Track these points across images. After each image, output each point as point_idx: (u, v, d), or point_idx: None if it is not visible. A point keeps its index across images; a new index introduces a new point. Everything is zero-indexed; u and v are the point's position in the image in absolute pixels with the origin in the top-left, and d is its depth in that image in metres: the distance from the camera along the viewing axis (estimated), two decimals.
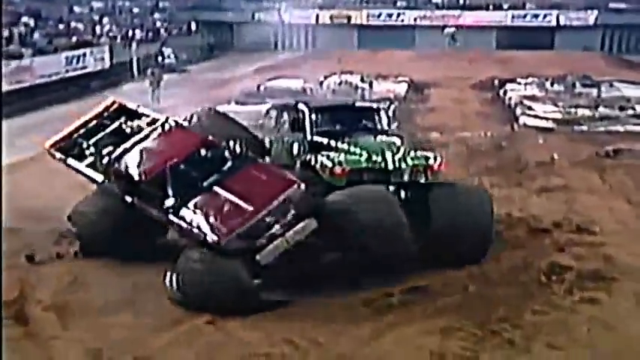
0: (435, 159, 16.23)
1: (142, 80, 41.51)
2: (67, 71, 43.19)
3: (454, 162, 22.65)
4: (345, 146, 16.45)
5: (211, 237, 13.70)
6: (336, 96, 36.72)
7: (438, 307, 13.58)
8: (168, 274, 14.16)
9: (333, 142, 16.75)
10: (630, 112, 33.25)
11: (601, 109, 33.91)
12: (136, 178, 14.76)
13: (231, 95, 39.10)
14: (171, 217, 14.48)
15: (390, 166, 15.84)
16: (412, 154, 16.34)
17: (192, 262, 13.78)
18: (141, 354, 12.24)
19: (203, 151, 15.26)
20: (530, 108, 34.41)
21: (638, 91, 39.16)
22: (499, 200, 16.88)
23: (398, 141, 17.07)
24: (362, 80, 41.45)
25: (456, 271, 14.95)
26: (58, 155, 17.17)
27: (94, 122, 17.62)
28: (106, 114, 17.85)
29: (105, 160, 15.76)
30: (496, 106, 37.55)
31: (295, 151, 17.46)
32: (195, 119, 17.68)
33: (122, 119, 17.55)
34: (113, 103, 18.18)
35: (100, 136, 17.19)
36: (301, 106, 18.17)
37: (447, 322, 12.98)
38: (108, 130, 17.30)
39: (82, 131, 17.45)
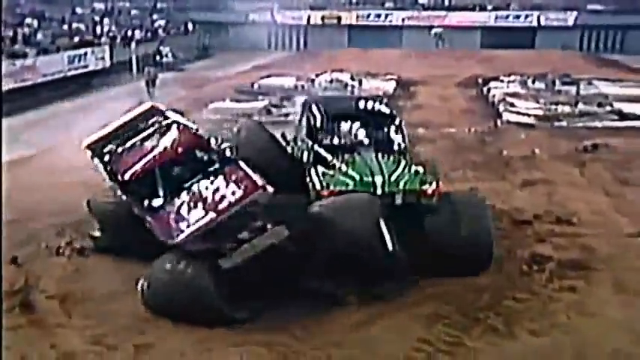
0: (431, 183, 14.82)
1: (141, 78, 41.36)
2: (69, 70, 43.12)
3: (440, 156, 22.71)
4: (343, 166, 15.36)
5: (171, 237, 13.18)
6: (326, 93, 36.71)
7: (425, 296, 13.61)
8: (141, 280, 13.65)
9: (334, 159, 15.63)
10: (608, 108, 33.31)
11: (580, 105, 33.97)
12: (126, 178, 14.27)
13: (226, 93, 39.13)
14: (147, 216, 13.98)
15: (379, 191, 14.58)
16: (408, 175, 15.01)
17: (157, 269, 13.28)
18: (141, 341, 12.29)
19: (192, 153, 14.57)
20: (512, 105, 34.42)
21: (616, 89, 39.29)
22: (483, 193, 16.87)
23: (402, 159, 15.83)
24: (352, 78, 41.36)
25: None
26: (89, 154, 16.84)
27: (129, 125, 17.02)
28: (140, 117, 16.99)
29: (106, 159, 15.49)
30: (480, 103, 37.51)
31: (305, 160, 16.22)
32: (235, 131, 16.67)
33: (149, 122, 16.62)
34: (151, 107, 17.36)
35: (124, 137, 16.31)
36: (315, 110, 17.18)
37: (433, 310, 13.05)
38: (131, 132, 16.51)
39: (115, 134, 16.76)
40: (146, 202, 13.95)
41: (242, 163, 14.22)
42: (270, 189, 13.27)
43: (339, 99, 18.74)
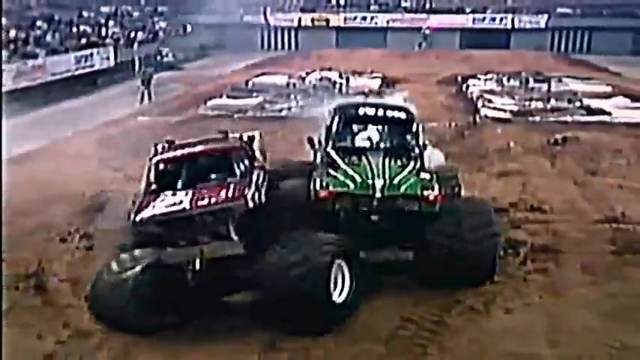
0: (433, 189, 13.37)
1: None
2: (76, 69, 43.14)
3: None
4: (346, 168, 13.97)
5: (136, 215, 12.24)
6: (316, 91, 36.78)
7: (409, 280, 13.62)
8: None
9: (340, 161, 14.28)
10: (577, 104, 33.42)
11: (551, 102, 34.08)
12: (154, 161, 13.69)
13: (223, 90, 39.12)
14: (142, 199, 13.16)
15: (378, 194, 13.19)
16: (412, 180, 13.57)
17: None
18: None
19: (227, 160, 13.53)
20: (489, 101, 34.45)
21: (584, 86, 39.45)
22: (463, 184, 16.91)
23: (411, 163, 14.26)
24: (340, 76, 41.33)
25: None
26: None
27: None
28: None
29: (159, 147, 14.53)
30: (459, 99, 37.52)
31: (318, 162, 15.18)
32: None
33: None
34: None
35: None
36: (334, 113, 15.77)
37: (417, 293, 13.12)
38: None
39: None
40: (152, 187, 13.28)
41: (255, 176, 13.25)
42: (250, 204, 12.19)
43: (362, 104, 17.44)
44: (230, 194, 12.19)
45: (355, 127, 15.81)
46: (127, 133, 27.79)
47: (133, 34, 54.48)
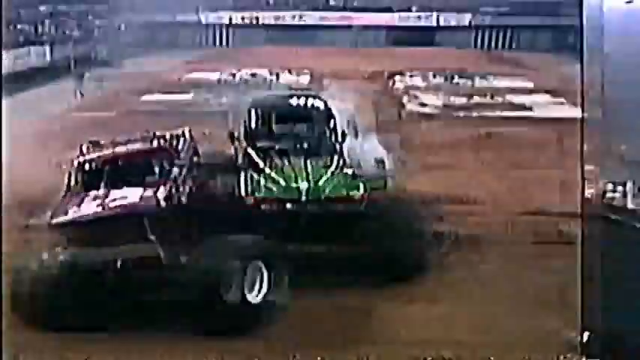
0: (358, 188, 13.18)
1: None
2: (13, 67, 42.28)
3: None
4: (269, 171, 13.57)
5: (51, 218, 11.81)
6: (247, 87, 36.69)
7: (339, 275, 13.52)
8: None
9: (262, 163, 13.87)
10: (500, 100, 33.86)
11: (475, 97, 34.44)
12: (75, 164, 13.16)
13: (156, 86, 38.88)
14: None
15: (304, 198, 12.91)
16: (336, 180, 13.33)
17: None
18: None
19: (148, 161, 13.06)
20: (415, 97, 34.72)
21: (507, 82, 39.99)
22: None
23: (334, 161, 13.95)
24: (270, 73, 41.46)
25: None
26: None
27: None
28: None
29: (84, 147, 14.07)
30: (385, 95, 37.67)
31: (238, 163, 14.57)
32: None
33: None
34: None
35: None
36: (252, 109, 15.52)
37: (346, 284, 13.06)
38: None
39: None
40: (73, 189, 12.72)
41: (174, 176, 12.78)
42: (163, 204, 11.79)
43: (280, 97, 17.06)
44: (142, 195, 11.81)
45: (274, 125, 15.52)
46: (62, 129, 27.38)
47: (69, 33, 53.74)
